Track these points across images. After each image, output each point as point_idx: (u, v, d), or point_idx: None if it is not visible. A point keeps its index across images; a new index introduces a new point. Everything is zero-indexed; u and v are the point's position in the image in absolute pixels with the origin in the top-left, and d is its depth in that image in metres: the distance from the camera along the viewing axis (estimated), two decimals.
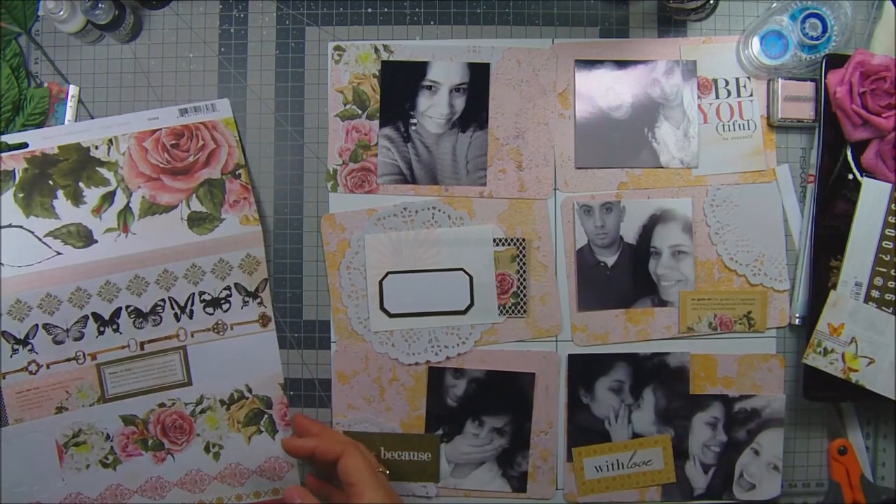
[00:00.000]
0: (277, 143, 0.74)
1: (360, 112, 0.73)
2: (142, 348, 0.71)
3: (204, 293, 0.71)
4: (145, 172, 0.71)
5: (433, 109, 0.73)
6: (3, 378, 0.69)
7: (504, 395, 0.73)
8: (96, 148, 0.70)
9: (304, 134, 0.74)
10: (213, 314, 0.71)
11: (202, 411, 0.71)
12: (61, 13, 0.68)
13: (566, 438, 0.73)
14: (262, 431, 0.72)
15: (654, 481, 0.73)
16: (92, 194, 0.70)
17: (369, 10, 0.74)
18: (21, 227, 0.69)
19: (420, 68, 0.73)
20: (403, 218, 0.73)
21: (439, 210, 0.73)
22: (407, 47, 0.73)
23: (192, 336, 0.71)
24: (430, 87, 0.73)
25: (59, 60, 0.74)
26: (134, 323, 0.70)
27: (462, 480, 0.73)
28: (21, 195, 0.70)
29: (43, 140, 0.70)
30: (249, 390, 0.72)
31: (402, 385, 0.73)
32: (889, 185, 0.69)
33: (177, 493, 0.71)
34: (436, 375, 0.73)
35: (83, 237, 0.70)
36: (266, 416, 0.72)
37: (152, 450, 0.71)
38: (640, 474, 0.73)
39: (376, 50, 0.73)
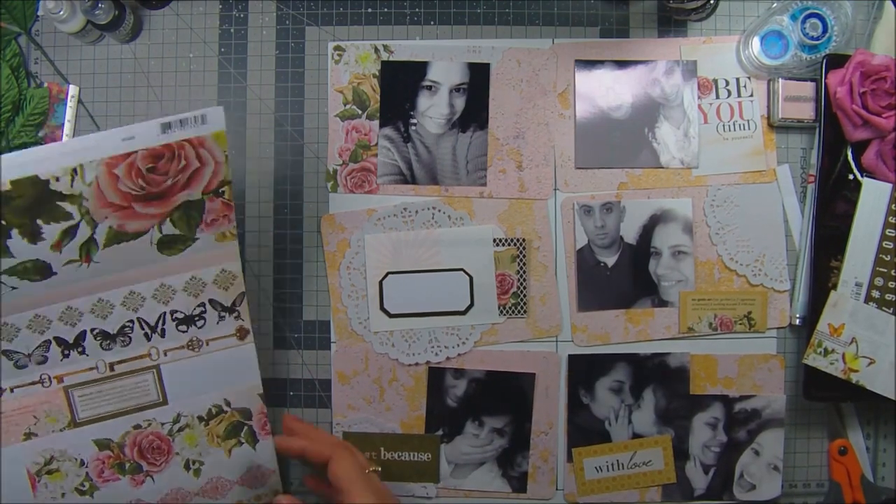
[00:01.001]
0: (277, 143, 0.74)
1: (360, 112, 0.73)
2: (111, 369, 0.66)
3: (176, 311, 0.66)
4: (115, 202, 0.60)
5: (433, 109, 0.73)
6: None
7: (504, 395, 0.73)
8: (57, 180, 0.58)
9: (304, 134, 0.74)
10: (186, 331, 0.67)
11: (180, 430, 0.68)
12: (61, 13, 0.68)
13: (566, 439, 0.73)
14: (242, 443, 0.69)
15: (654, 482, 0.73)
16: (51, 230, 0.60)
17: (369, 10, 0.74)
18: None
19: (420, 68, 0.73)
20: (403, 218, 0.73)
21: (439, 210, 0.73)
22: (407, 47, 0.73)
23: (166, 354, 0.67)
24: (430, 87, 0.73)
25: (59, 60, 0.74)
26: (101, 345, 0.65)
27: (462, 481, 0.73)
28: None
29: None
30: (228, 404, 0.69)
31: (402, 385, 0.73)
32: (889, 186, 0.68)
33: None
34: (436, 376, 0.73)
35: (41, 271, 0.62)
36: (246, 427, 0.69)
37: (130, 473, 0.67)
38: (641, 475, 0.73)
39: (376, 50, 0.73)
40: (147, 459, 0.68)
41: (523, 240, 0.72)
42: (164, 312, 0.66)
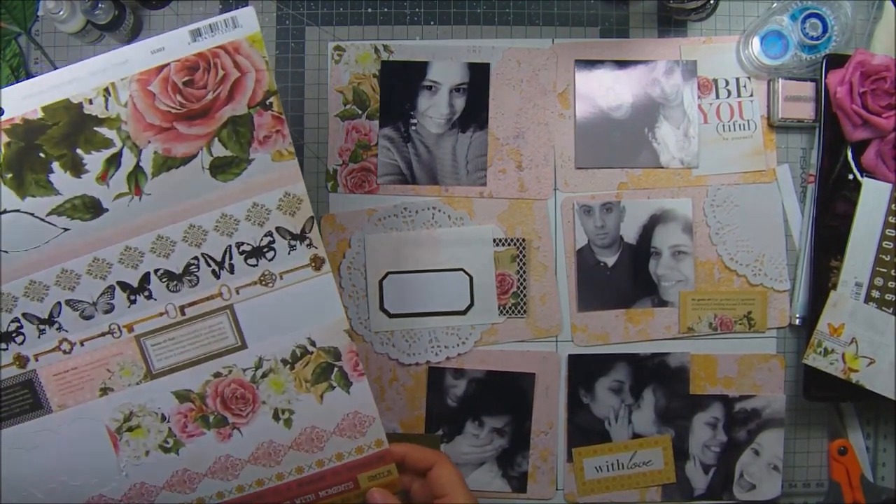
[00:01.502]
0: None
1: (360, 112, 0.73)
2: (182, 313, 0.62)
3: (242, 244, 0.62)
4: (155, 123, 0.59)
5: (433, 109, 0.73)
6: (37, 360, 0.62)
7: (504, 395, 0.73)
8: (90, 102, 0.58)
9: (304, 134, 0.74)
10: (256, 265, 0.62)
11: (263, 375, 0.63)
12: (61, 13, 0.68)
13: (566, 438, 0.73)
14: (334, 387, 0.64)
15: (654, 482, 0.73)
16: (94, 160, 0.59)
17: (369, 10, 0.74)
18: (18, 210, 0.61)
19: (420, 68, 0.73)
20: (403, 218, 0.73)
21: (439, 210, 0.73)
22: (407, 47, 0.73)
23: (238, 293, 0.62)
24: (430, 87, 0.73)
25: (59, 60, 0.74)
26: (168, 286, 0.62)
27: None
28: (10, 176, 0.60)
29: (22, 101, 0.58)
30: (313, 343, 0.63)
31: (402, 385, 0.73)
32: (889, 186, 0.69)
33: (251, 469, 0.64)
34: (436, 375, 0.73)
35: (91, 208, 0.60)
36: (336, 369, 0.63)
37: (215, 426, 0.64)
38: (641, 475, 0.73)
39: (376, 50, 0.73)
40: (232, 410, 0.64)
41: (523, 240, 0.72)
42: (230, 245, 0.62)
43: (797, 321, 0.72)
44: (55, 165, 0.59)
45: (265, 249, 0.62)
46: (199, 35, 0.58)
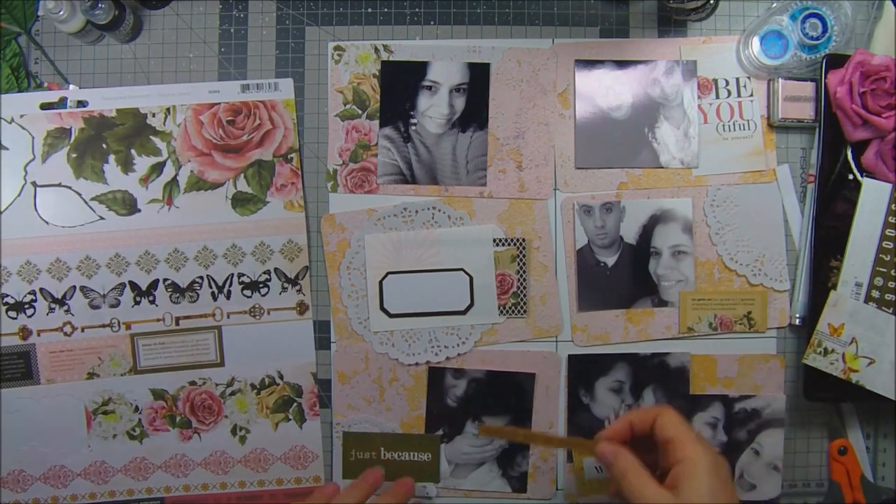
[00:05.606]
0: None
1: (360, 112, 0.73)
2: (177, 323, 0.71)
3: (243, 275, 0.71)
4: (197, 146, 0.71)
5: (433, 109, 0.73)
6: (39, 336, 0.70)
7: (504, 395, 0.73)
8: (153, 115, 0.71)
9: (304, 134, 0.74)
10: (250, 297, 0.71)
11: (232, 393, 0.72)
12: (61, 13, 0.68)
13: None
14: (289, 419, 0.72)
15: None
16: (142, 163, 0.70)
17: (369, 10, 0.74)
18: (70, 187, 0.70)
19: (420, 68, 0.73)
20: (403, 218, 0.73)
21: (439, 210, 0.73)
22: (407, 47, 0.73)
23: (229, 317, 0.71)
24: (430, 87, 0.73)
25: (59, 60, 0.74)
26: (171, 297, 0.71)
27: (462, 480, 0.73)
28: (74, 156, 0.70)
29: (102, 100, 0.71)
30: (281, 377, 0.72)
31: (402, 385, 0.73)
32: (889, 186, 0.69)
33: (200, 472, 0.72)
34: (436, 375, 0.73)
35: (127, 205, 0.70)
36: (295, 404, 0.72)
37: (179, 427, 0.72)
38: None
39: (376, 50, 0.73)
40: (197, 416, 0.72)
41: (523, 240, 0.72)
42: (233, 274, 0.71)
43: (797, 321, 0.72)
44: (111, 158, 0.70)
45: (261, 285, 0.71)
46: (247, 88, 0.72)
